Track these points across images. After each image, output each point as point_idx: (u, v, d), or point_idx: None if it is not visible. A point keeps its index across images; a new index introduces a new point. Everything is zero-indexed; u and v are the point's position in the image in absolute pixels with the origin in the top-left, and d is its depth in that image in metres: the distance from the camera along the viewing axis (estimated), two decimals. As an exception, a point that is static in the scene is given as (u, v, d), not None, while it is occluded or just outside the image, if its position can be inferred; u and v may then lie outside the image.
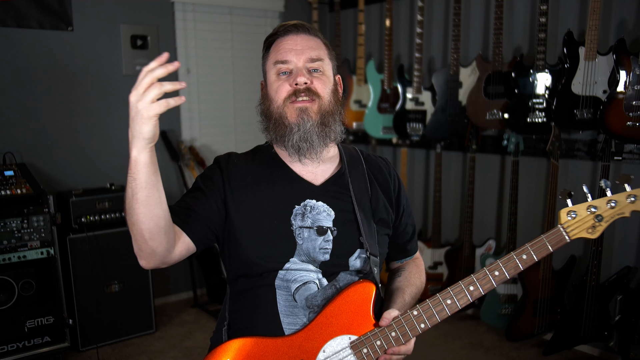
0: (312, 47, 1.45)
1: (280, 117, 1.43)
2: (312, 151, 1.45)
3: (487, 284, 1.35)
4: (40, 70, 3.39)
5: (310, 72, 1.44)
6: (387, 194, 1.58)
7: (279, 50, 1.45)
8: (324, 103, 1.44)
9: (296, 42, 1.45)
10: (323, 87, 1.44)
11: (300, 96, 1.41)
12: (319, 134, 1.43)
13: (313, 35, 1.48)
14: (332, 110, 1.46)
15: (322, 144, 1.45)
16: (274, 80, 1.46)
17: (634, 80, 2.67)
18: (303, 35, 1.46)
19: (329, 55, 1.50)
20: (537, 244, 1.35)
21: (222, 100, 4.22)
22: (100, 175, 3.63)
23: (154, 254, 1.31)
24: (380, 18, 4.24)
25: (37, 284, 2.92)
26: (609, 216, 1.34)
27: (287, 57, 1.43)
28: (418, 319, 1.35)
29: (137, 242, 1.28)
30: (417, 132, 3.78)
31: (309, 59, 1.43)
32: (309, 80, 1.42)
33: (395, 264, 1.69)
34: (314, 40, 1.47)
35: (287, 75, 1.44)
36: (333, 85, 1.49)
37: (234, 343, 1.36)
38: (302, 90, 1.41)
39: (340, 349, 1.35)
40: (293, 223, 1.43)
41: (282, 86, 1.44)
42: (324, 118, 1.44)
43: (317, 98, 1.43)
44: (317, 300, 1.41)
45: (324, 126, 1.44)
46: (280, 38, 1.47)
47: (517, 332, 3.22)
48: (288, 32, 1.46)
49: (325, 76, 1.46)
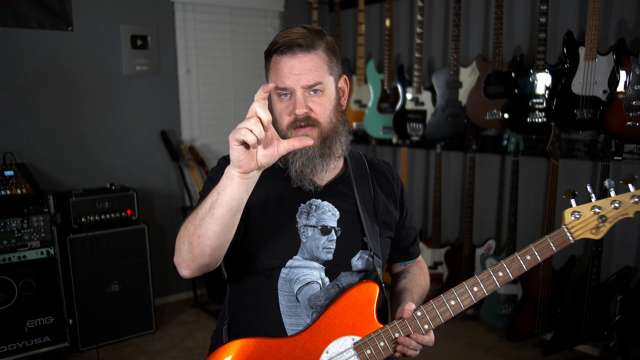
0: (310, 69, 1.39)
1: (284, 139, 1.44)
2: (314, 175, 1.46)
3: (491, 285, 1.35)
4: (40, 70, 3.39)
5: (309, 93, 1.40)
6: (390, 198, 1.58)
7: (278, 74, 1.40)
8: (324, 128, 1.42)
9: (293, 66, 1.38)
10: (322, 112, 1.42)
11: (301, 125, 1.40)
12: (321, 156, 1.42)
13: (311, 51, 1.40)
14: (334, 130, 1.44)
15: (325, 165, 1.45)
16: (276, 101, 1.43)
17: (634, 80, 2.67)
18: (300, 56, 1.38)
19: (330, 68, 1.44)
20: (541, 244, 1.35)
21: (222, 100, 4.22)
22: (100, 175, 3.63)
23: (204, 268, 1.32)
24: (380, 18, 4.24)
25: (37, 284, 2.91)
26: (613, 217, 1.34)
27: (285, 84, 1.39)
28: (422, 320, 1.36)
29: (193, 254, 1.27)
30: (417, 132, 3.78)
31: (306, 86, 1.39)
32: (307, 109, 1.40)
33: (399, 266, 1.70)
34: (312, 59, 1.40)
35: (287, 97, 1.41)
36: (335, 101, 1.45)
37: (235, 344, 1.35)
38: (302, 119, 1.40)
39: (344, 349, 1.35)
40: (298, 221, 1.44)
41: (284, 112, 1.41)
42: (325, 141, 1.42)
43: (316, 124, 1.41)
44: (320, 300, 1.41)
45: (327, 148, 1.43)
46: (277, 56, 1.41)
47: (517, 332, 3.22)
48: (284, 53, 1.39)
49: (325, 97, 1.42)
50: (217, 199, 1.21)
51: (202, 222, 1.23)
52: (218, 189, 1.21)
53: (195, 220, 1.25)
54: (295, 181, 1.45)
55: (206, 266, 1.31)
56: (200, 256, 1.27)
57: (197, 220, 1.24)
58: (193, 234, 1.25)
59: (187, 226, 1.27)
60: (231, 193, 1.19)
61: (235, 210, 1.22)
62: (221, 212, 1.21)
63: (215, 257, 1.29)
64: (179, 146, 3.95)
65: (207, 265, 1.31)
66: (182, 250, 1.28)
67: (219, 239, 1.25)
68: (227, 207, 1.20)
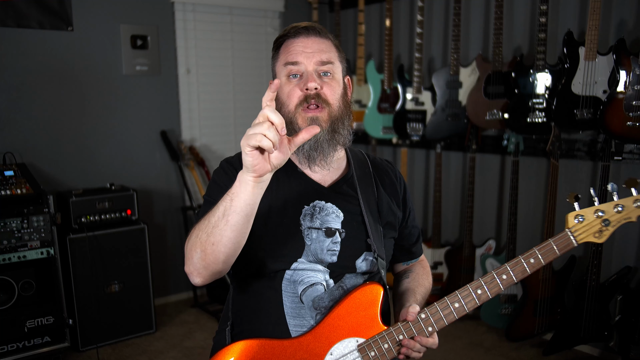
0: (323, 49, 1.43)
1: (291, 122, 1.42)
2: (323, 159, 1.45)
3: (495, 288, 1.36)
4: (40, 70, 3.38)
5: (320, 75, 1.43)
6: (393, 197, 1.58)
7: (289, 52, 1.43)
8: (333, 110, 1.43)
9: (307, 44, 1.43)
10: (332, 94, 1.43)
11: (311, 103, 1.40)
12: (329, 141, 1.43)
13: (324, 37, 1.46)
14: (341, 116, 1.45)
15: (332, 150, 1.45)
16: (285, 83, 1.44)
17: (634, 80, 2.67)
18: (314, 38, 1.44)
19: (340, 58, 1.49)
20: (544, 247, 1.35)
21: (222, 100, 4.21)
22: (100, 175, 3.63)
23: (216, 275, 1.31)
24: (380, 18, 4.24)
25: (37, 284, 2.91)
26: (616, 221, 1.35)
27: (298, 59, 1.41)
28: (426, 323, 1.36)
29: (206, 262, 1.26)
30: (417, 132, 3.78)
31: (319, 62, 1.42)
32: (319, 86, 1.41)
33: (401, 266, 1.70)
34: (325, 43, 1.45)
35: (297, 78, 1.43)
36: (342, 90, 1.48)
37: (239, 345, 1.35)
38: (313, 96, 1.40)
39: (348, 351, 1.35)
40: (302, 223, 1.43)
41: (293, 91, 1.42)
42: (333, 124, 1.43)
43: (326, 106, 1.42)
44: (324, 301, 1.41)
45: (334, 133, 1.43)
46: (290, 39, 1.45)
47: (517, 332, 3.23)
48: (299, 34, 1.44)
49: (335, 80, 1.45)
50: (230, 205, 1.20)
51: (216, 230, 1.22)
52: (231, 195, 1.20)
53: (207, 228, 1.24)
54: (304, 166, 1.47)
55: (219, 273, 1.30)
56: (213, 263, 1.26)
57: (209, 227, 1.23)
58: (206, 242, 1.24)
59: (199, 234, 1.26)
60: (245, 199, 1.19)
61: (250, 215, 1.22)
62: (236, 219, 1.20)
63: (228, 263, 1.28)
64: (179, 146, 3.95)
65: (220, 272, 1.30)
66: (194, 259, 1.27)
67: (234, 245, 1.24)
68: (242, 212, 1.20)
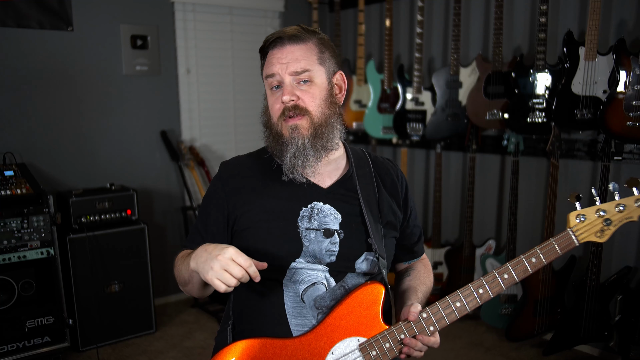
0: (297, 57, 1.41)
1: (277, 133, 1.45)
2: (306, 167, 1.45)
3: (496, 287, 1.36)
4: (40, 70, 3.38)
5: (299, 83, 1.42)
6: (394, 197, 1.57)
7: (267, 64, 1.46)
8: (314, 117, 1.42)
9: (281, 55, 1.42)
10: (312, 100, 1.42)
11: (289, 114, 1.42)
12: (313, 148, 1.42)
13: (299, 42, 1.43)
14: (325, 121, 1.44)
15: (319, 156, 1.44)
16: (269, 95, 1.48)
17: (634, 80, 2.67)
18: (288, 47, 1.42)
19: (321, 59, 1.45)
20: (546, 247, 1.35)
21: (222, 100, 4.21)
22: (100, 175, 3.63)
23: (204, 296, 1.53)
24: (380, 18, 4.24)
25: (37, 284, 2.91)
26: (618, 220, 1.35)
27: (273, 70, 1.43)
28: (427, 322, 1.36)
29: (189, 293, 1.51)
30: (417, 132, 3.78)
31: (293, 72, 1.41)
32: (294, 97, 1.41)
33: (403, 265, 1.69)
34: (300, 49, 1.42)
35: (279, 90, 1.44)
36: (327, 92, 1.45)
37: (240, 344, 1.35)
38: (290, 108, 1.41)
39: (349, 351, 1.35)
40: (300, 225, 1.43)
41: (275, 103, 1.45)
42: (317, 131, 1.42)
43: (306, 113, 1.42)
44: (326, 301, 1.41)
45: (318, 139, 1.43)
46: (270, 50, 1.46)
47: (517, 332, 3.23)
48: (274, 45, 1.44)
49: (314, 86, 1.43)
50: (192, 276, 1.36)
51: (186, 286, 1.45)
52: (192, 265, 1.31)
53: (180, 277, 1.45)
54: (287, 173, 1.45)
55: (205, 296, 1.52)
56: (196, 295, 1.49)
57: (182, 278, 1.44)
58: (183, 285, 1.47)
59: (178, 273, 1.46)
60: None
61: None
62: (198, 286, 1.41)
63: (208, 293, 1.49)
64: (179, 146, 3.94)
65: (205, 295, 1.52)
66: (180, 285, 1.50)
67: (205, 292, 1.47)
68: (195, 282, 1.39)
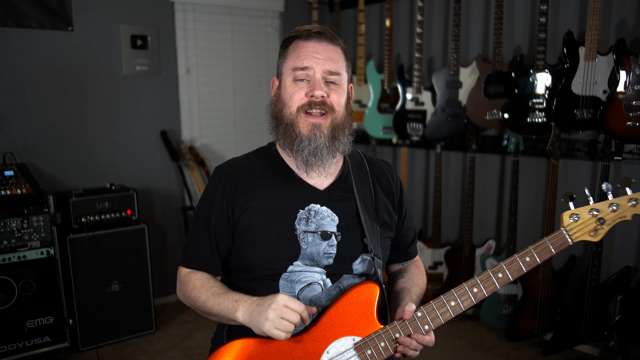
0: (333, 58, 1.43)
1: (292, 124, 1.42)
2: (320, 165, 1.45)
3: (491, 286, 1.36)
4: (40, 70, 3.39)
5: (327, 83, 1.42)
6: (390, 198, 1.58)
7: (299, 55, 1.42)
8: (337, 117, 1.43)
9: (318, 50, 1.42)
10: (338, 101, 1.44)
11: (315, 109, 1.41)
12: (329, 148, 1.43)
13: (335, 44, 1.45)
14: (343, 124, 1.45)
15: (331, 157, 1.45)
16: (290, 85, 1.44)
17: (634, 80, 2.67)
18: (325, 44, 1.43)
19: (347, 67, 1.48)
20: (540, 246, 1.35)
21: (222, 100, 4.22)
22: (100, 175, 3.63)
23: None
24: (380, 18, 4.24)
25: (37, 284, 2.92)
26: (611, 219, 1.35)
27: (307, 64, 1.41)
28: (422, 321, 1.36)
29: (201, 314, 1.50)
30: (417, 132, 3.78)
31: (328, 71, 1.41)
32: (326, 94, 1.41)
33: (396, 266, 1.70)
34: (336, 50, 1.45)
35: (304, 82, 1.42)
36: (346, 98, 1.48)
37: (236, 344, 1.36)
38: (318, 103, 1.40)
39: (344, 350, 1.35)
40: (297, 227, 1.43)
41: (297, 93, 1.42)
42: (335, 132, 1.43)
43: (331, 112, 1.42)
44: (321, 301, 1.41)
45: (335, 140, 1.43)
46: (301, 41, 1.44)
47: (517, 332, 3.22)
48: (310, 37, 1.43)
49: (341, 89, 1.45)
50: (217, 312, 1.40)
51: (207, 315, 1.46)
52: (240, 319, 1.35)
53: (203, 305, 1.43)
54: (301, 171, 1.46)
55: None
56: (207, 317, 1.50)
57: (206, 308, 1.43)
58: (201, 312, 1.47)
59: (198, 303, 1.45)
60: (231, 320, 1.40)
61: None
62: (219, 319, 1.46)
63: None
64: (179, 146, 3.95)
65: None
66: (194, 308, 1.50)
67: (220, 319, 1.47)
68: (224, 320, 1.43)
